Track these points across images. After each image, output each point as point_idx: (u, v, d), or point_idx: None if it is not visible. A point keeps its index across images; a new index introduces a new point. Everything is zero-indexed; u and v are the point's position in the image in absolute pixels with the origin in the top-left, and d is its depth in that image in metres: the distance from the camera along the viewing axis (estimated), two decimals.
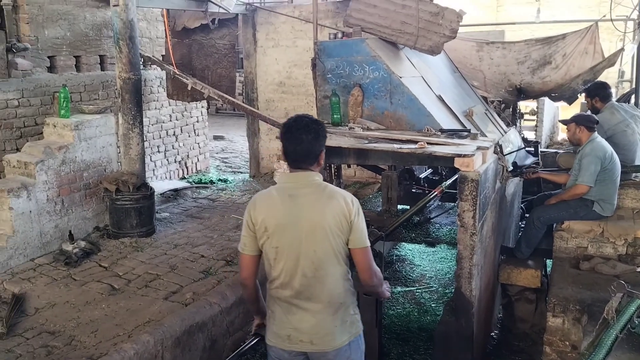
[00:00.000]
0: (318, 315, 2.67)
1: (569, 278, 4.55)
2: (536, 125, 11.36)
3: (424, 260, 6.87)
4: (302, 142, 2.60)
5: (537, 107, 11.06)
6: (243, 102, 8.70)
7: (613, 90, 12.32)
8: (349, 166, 7.68)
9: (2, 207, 5.30)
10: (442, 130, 4.85)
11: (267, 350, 2.84)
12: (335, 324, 2.70)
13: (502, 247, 5.45)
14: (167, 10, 8.08)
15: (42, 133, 6.20)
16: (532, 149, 7.09)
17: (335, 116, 5.37)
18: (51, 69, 6.93)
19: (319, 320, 2.67)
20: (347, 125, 5.23)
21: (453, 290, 4.49)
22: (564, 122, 5.36)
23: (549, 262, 5.34)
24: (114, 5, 5.90)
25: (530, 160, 6.31)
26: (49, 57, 6.88)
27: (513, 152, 5.76)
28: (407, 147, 4.46)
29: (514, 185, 5.81)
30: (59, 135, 5.93)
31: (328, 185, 2.69)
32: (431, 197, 5.42)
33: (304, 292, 2.65)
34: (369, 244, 2.69)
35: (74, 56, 7.17)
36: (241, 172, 9.81)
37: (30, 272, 5.26)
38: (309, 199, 2.63)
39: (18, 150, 6.23)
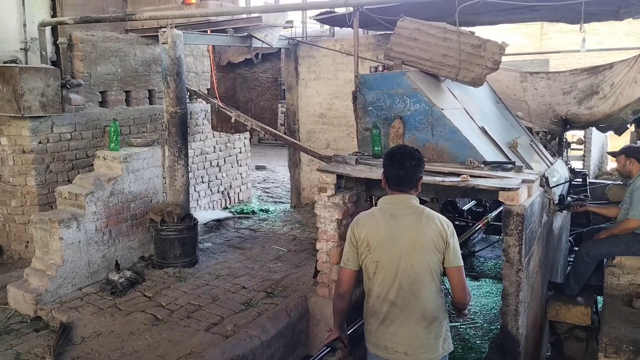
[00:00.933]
0: (413, 327, 2.88)
1: (622, 316, 4.36)
2: (584, 155, 11.06)
3: None
4: (405, 167, 2.92)
5: (585, 137, 10.78)
6: (285, 134, 8.82)
7: None
8: None
9: (53, 237, 5.49)
10: (486, 163, 4.78)
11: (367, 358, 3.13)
12: (429, 337, 2.88)
13: (550, 282, 5.28)
14: (213, 46, 8.35)
15: (92, 165, 6.44)
16: (580, 180, 6.89)
17: (376, 148, 5.38)
18: (102, 103, 7.23)
19: (413, 332, 2.88)
20: None
21: (499, 327, 4.36)
22: (613, 154, 5.21)
23: (599, 298, 5.13)
24: (163, 43, 6.13)
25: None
26: (100, 92, 7.19)
27: (560, 184, 5.61)
28: (449, 180, 4.41)
29: (561, 218, 5.65)
30: (108, 168, 6.14)
31: (425, 208, 2.94)
32: (475, 229, 5.33)
33: (399, 304, 2.89)
34: (462, 263, 2.92)
35: (124, 91, 7.47)
36: (282, 202, 9.88)
37: (78, 301, 5.39)
38: (409, 218, 2.90)
39: (69, 181, 6.48)
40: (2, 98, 6.15)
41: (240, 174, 9.66)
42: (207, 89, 8.65)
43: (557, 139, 7.68)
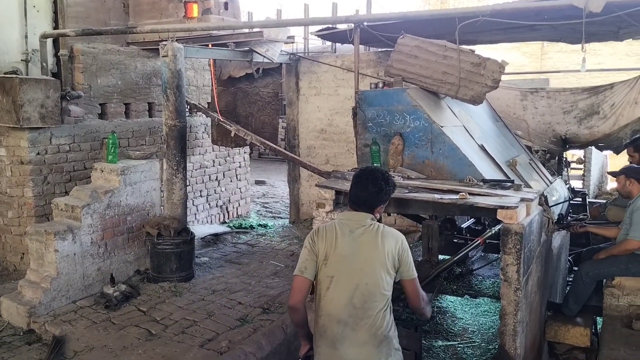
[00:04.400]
0: (363, 347, 2.83)
1: (621, 338, 4.30)
2: (584, 175, 11.05)
3: (466, 313, 6.64)
4: (367, 190, 2.95)
5: (585, 156, 10.77)
6: (285, 149, 8.81)
7: None
8: (389, 214, 7.59)
9: (48, 250, 5.45)
10: (485, 181, 4.76)
11: None
12: (380, 357, 2.85)
13: (548, 302, 5.22)
14: (214, 60, 8.38)
15: (90, 177, 6.42)
16: (580, 199, 6.86)
17: (375, 164, 5.36)
18: (102, 115, 7.23)
19: (364, 352, 2.84)
20: None
21: (496, 346, 4.30)
22: (613, 174, 5.18)
23: (599, 319, 5.06)
24: (163, 56, 6.15)
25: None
26: (100, 104, 7.19)
27: (559, 203, 5.58)
28: (448, 198, 4.39)
29: (560, 237, 5.60)
30: (105, 180, 6.11)
31: (381, 225, 2.96)
32: (472, 246, 5.28)
33: (350, 324, 2.84)
34: (416, 275, 2.99)
35: (124, 103, 7.48)
36: (281, 218, 9.84)
37: (71, 315, 5.33)
38: (367, 236, 2.91)
39: (67, 193, 6.45)
40: (1, 109, 6.15)
41: (239, 188, 9.64)
42: (208, 102, 8.66)
43: (556, 158, 7.66)
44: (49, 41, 6.95)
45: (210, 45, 7.44)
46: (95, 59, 7.09)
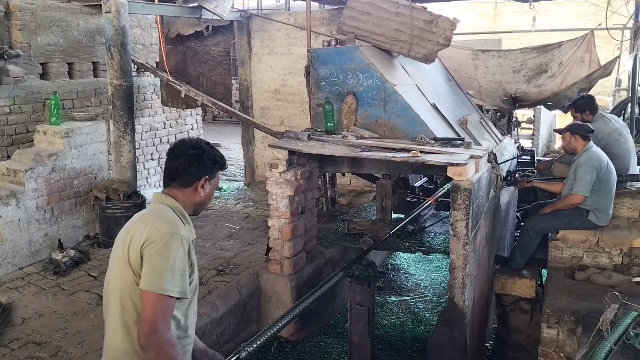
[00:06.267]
0: None
1: (564, 288, 4.49)
2: (533, 134, 11.34)
3: (418, 269, 6.81)
4: (170, 161, 2.30)
5: (534, 116, 11.05)
6: (239, 110, 8.65)
7: (609, 99, 12.36)
8: (343, 175, 7.63)
9: None
10: (436, 139, 4.81)
11: None
12: None
13: (496, 256, 5.40)
14: (161, 17, 8.05)
15: (33, 140, 6.14)
16: (528, 157, 7.05)
17: (328, 124, 5.33)
18: (43, 75, 6.88)
19: None
20: (340, 134, 5.19)
21: (447, 300, 4.43)
22: (559, 131, 5.32)
23: (544, 271, 5.28)
24: (106, 12, 5.87)
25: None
26: (41, 63, 6.82)
27: (507, 160, 5.71)
28: (400, 156, 4.42)
29: (509, 194, 5.76)
30: (49, 143, 5.87)
31: (159, 207, 2.23)
32: (425, 205, 5.38)
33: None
34: (162, 291, 2.03)
35: (66, 63, 7.12)
36: (236, 180, 9.74)
37: (19, 282, 5.18)
38: (133, 221, 2.26)
39: (9, 157, 6.16)
40: None
41: None
42: (156, 62, 8.35)
43: (506, 117, 7.82)
44: None
45: (156, 1, 7.13)
46: (34, 15, 6.69)
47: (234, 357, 3.15)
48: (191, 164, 2.27)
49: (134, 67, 7.09)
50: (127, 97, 6.09)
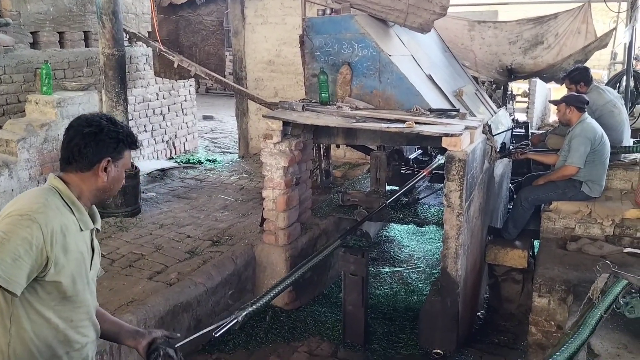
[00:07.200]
0: None
1: (556, 259, 4.55)
2: (528, 107, 11.32)
3: (412, 241, 6.86)
4: (63, 143, 2.00)
5: (529, 89, 11.01)
6: (233, 82, 8.57)
7: (605, 72, 12.31)
8: (338, 147, 7.61)
9: None
10: (431, 110, 4.80)
11: None
12: None
13: (489, 227, 5.44)
14: None
15: (24, 110, 6.07)
16: (522, 129, 7.05)
17: (323, 95, 5.29)
18: (34, 45, 6.76)
19: None
20: (335, 105, 5.16)
21: (440, 270, 4.47)
22: (554, 102, 5.32)
23: (536, 242, 5.33)
24: None
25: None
26: (31, 32, 6.71)
27: (502, 132, 5.71)
28: (395, 127, 4.41)
29: (503, 166, 5.78)
30: (41, 113, 5.81)
31: (43, 188, 1.95)
32: (419, 177, 5.39)
33: None
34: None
35: (57, 32, 7.00)
36: (230, 153, 9.71)
37: None
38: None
39: (0, 127, 6.10)
40: None
41: (186, 123, 9.37)
42: (148, 32, 8.22)
43: (501, 89, 7.79)
44: None
45: None
46: None
47: (233, 321, 3.19)
48: (87, 144, 1.93)
49: (125, 37, 6.98)
50: (119, 67, 6.01)
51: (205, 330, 2.81)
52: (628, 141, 5.53)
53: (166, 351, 2.11)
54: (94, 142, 1.94)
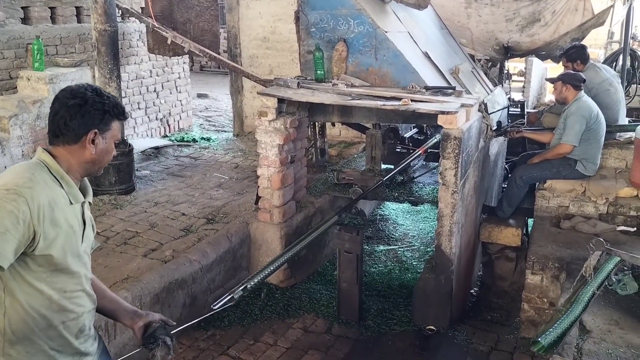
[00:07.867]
0: None
1: (550, 236, 4.57)
2: (524, 86, 11.29)
3: (407, 219, 6.88)
4: (49, 116, 1.97)
5: (525, 68, 10.97)
6: (227, 59, 8.48)
7: (602, 51, 12.27)
8: (333, 125, 7.57)
9: None
10: (427, 88, 4.77)
11: None
12: None
13: (484, 206, 5.45)
14: None
15: (16, 87, 6.00)
16: (518, 108, 7.04)
17: (318, 72, 5.25)
18: (25, 20, 6.65)
19: None
20: (330, 82, 5.12)
21: (434, 248, 4.49)
22: (551, 80, 5.30)
23: (530, 221, 5.35)
24: None
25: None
26: (22, 7, 6.59)
27: (498, 110, 5.70)
28: (390, 104, 4.38)
29: (498, 144, 5.78)
30: (33, 89, 5.74)
31: (31, 161, 1.94)
32: (415, 156, 5.38)
33: None
34: None
35: (49, 7, 6.88)
36: (225, 131, 9.65)
37: None
38: None
39: None
40: None
41: (180, 100, 9.30)
42: (142, 7, 8.11)
43: (498, 68, 7.75)
44: None
45: None
46: None
47: (229, 296, 3.21)
48: (72, 117, 1.89)
49: (118, 13, 6.88)
50: (112, 43, 5.92)
51: (200, 318, 2.87)
52: (623, 120, 5.52)
53: (164, 340, 2.12)
54: (79, 114, 1.90)
